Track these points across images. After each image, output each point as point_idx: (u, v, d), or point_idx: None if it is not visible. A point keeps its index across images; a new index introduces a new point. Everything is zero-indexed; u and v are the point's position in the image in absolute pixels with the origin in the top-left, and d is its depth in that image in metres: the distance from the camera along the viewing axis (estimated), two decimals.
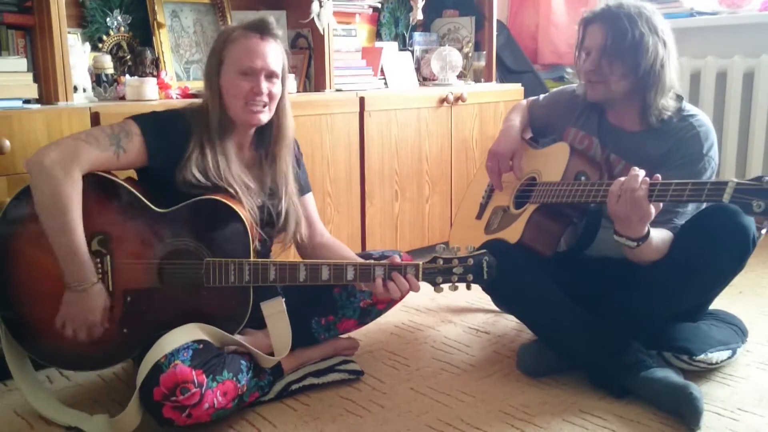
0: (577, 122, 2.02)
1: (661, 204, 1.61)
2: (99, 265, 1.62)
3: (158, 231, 1.64)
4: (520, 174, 2.05)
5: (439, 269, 1.66)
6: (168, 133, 1.67)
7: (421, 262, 1.67)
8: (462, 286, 1.67)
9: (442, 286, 1.67)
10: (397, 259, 1.70)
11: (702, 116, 1.87)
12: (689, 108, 1.88)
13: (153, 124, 1.68)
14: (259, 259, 1.67)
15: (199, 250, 1.65)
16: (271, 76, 1.71)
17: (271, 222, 1.80)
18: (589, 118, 2.00)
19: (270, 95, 1.71)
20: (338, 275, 1.66)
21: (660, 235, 1.71)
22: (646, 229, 1.64)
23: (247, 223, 1.65)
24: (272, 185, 1.80)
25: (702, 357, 1.79)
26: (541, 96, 2.21)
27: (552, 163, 1.93)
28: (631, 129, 1.91)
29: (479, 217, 2.16)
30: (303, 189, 1.93)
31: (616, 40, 1.80)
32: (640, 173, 1.59)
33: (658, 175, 1.61)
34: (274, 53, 1.71)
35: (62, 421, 1.66)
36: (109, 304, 1.62)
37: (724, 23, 3.15)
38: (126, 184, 1.64)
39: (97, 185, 1.61)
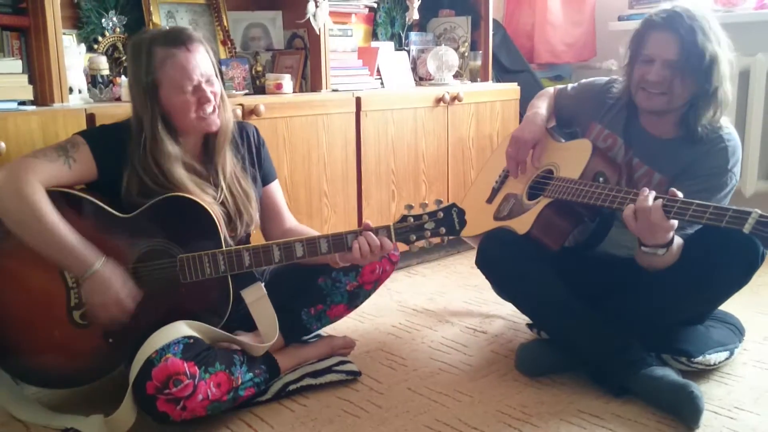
0: (603, 118, 1.99)
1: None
2: (73, 280, 1.62)
3: (126, 236, 1.63)
4: (538, 164, 2.02)
5: (411, 227, 1.68)
6: (112, 142, 1.67)
7: (391, 223, 1.69)
8: (436, 240, 1.69)
9: (416, 244, 1.69)
10: (368, 223, 1.70)
11: (732, 130, 1.84)
12: (721, 120, 1.85)
13: (97, 135, 1.70)
14: (232, 247, 1.67)
15: (171, 248, 1.65)
16: (209, 80, 1.70)
17: (231, 222, 1.78)
18: (618, 115, 1.96)
19: (215, 96, 1.72)
20: (312, 250, 1.68)
21: (677, 241, 1.69)
22: (671, 234, 1.63)
23: (213, 213, 1.65)
24: (220, 181, 1.77)
25: (700, 359, 1.79)
26: (569, 86, 2.17)
27: (572, 158, 1.91)
28: (661, 135, 1.88)
29: (490, 201, 2.14)
30: (268, 176, 1.93)
31: (692, 59, 1.73)
32: (650, 195, 1.58)
33: (674, 190, 1.59)
34: (204, 58, 1.70)
35: (57, 424, 1.65)
36: (126, 275, 1.62)
37: (719, 22, 3.13)
38: (86, 195, 1.63)
39: (57, 201, 1.58)
